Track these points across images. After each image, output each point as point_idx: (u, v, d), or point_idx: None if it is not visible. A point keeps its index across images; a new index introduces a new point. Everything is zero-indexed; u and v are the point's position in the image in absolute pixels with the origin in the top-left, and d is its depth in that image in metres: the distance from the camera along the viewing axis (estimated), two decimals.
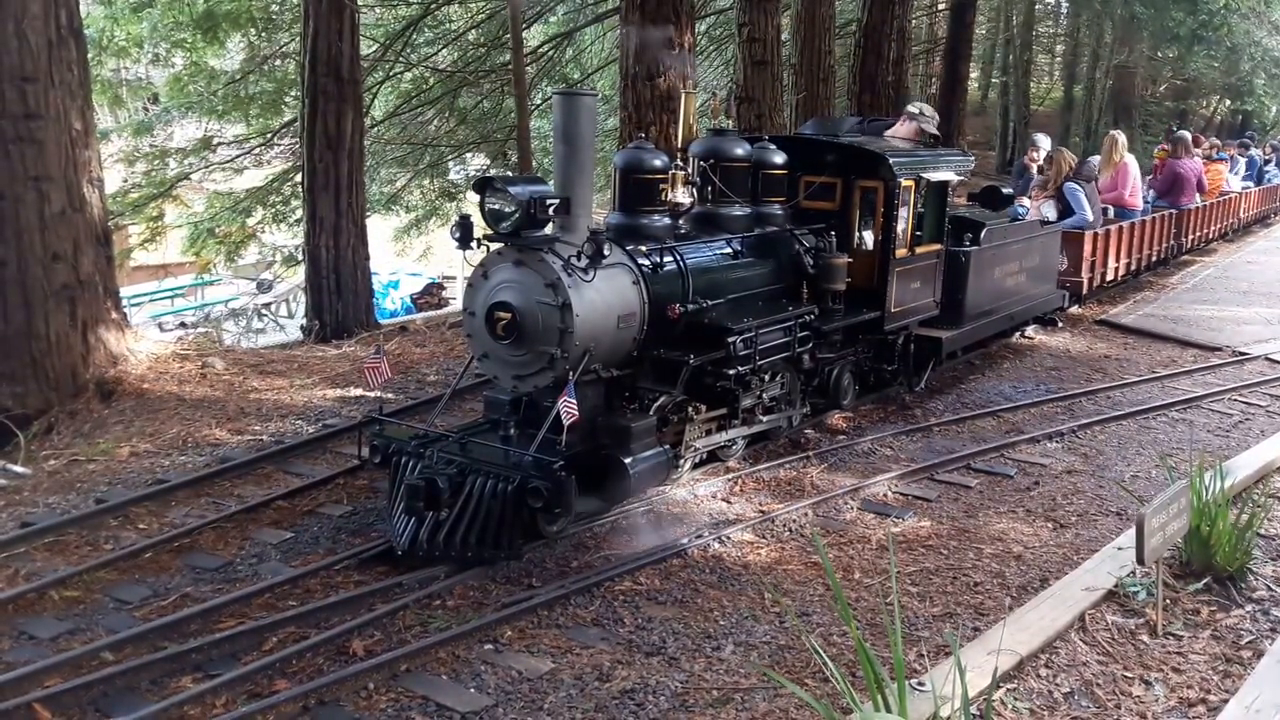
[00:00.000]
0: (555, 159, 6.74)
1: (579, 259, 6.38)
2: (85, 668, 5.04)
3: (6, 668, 5.07)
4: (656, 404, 6.68)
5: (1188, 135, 18.92)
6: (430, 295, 25.87)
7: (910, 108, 10.24)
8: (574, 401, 5.88)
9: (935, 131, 10.03)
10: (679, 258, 7.23)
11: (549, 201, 6.29)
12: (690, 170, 7.79)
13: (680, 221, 7.69)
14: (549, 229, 6.56)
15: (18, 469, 7.80)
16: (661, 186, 7.34)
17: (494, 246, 6.60)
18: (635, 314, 6.82)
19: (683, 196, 7.53)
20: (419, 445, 6.38)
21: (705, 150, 7.95)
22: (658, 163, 7.32)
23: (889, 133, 10.02)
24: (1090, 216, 13.27)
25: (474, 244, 6.63)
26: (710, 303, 7.19)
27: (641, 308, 6.85)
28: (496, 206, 6.29)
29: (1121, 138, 15.69)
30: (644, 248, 7.01)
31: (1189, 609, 5.50)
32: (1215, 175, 19.64)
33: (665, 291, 6.98)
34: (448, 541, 5.98)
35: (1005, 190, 11.63)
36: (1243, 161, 22.89)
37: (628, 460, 6.23)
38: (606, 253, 6.40)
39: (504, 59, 18.03)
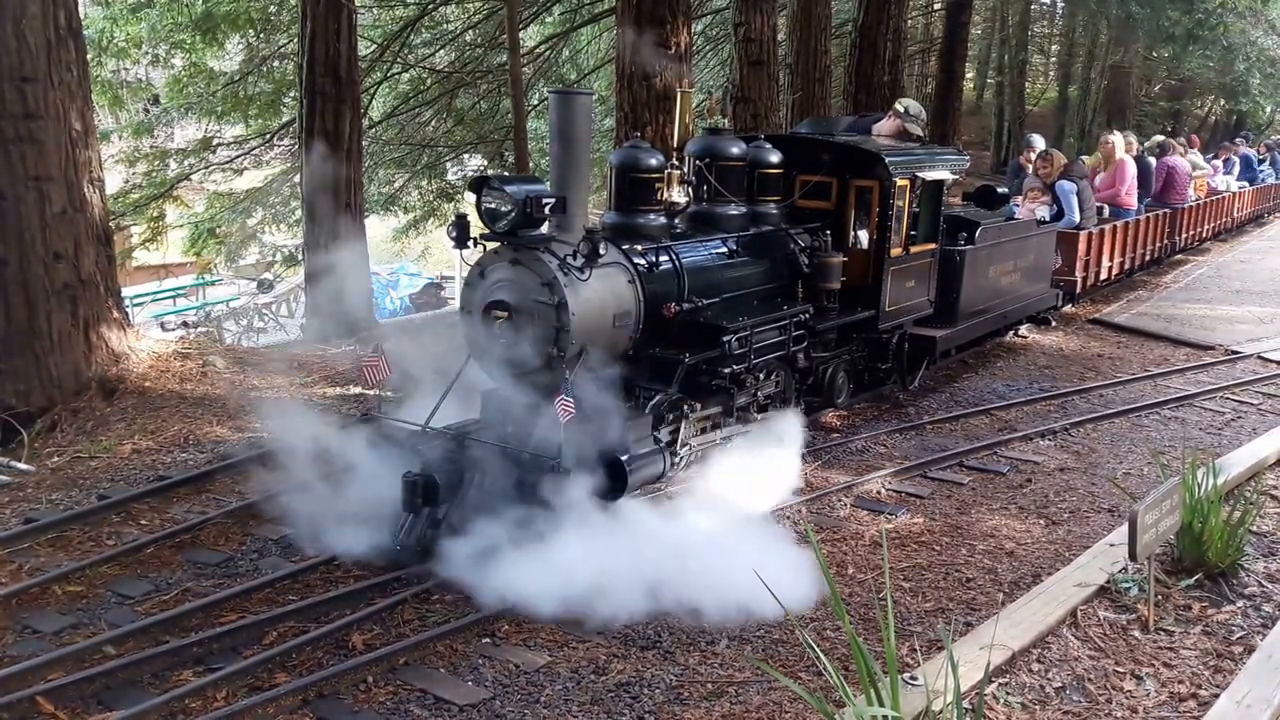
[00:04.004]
0: (551, 158, 6.78)
1: (575, 258, 6.42)
2: (88, 661, 5.11)
3: (10, 661, 5.12)
4: (652, 402, 6.71)
5: (1162, 139, 19.13)
6: (429, 295, 25.88)
7: (898, 105, 10.23)
8: (570, 400, 5.92)
9: (920, 132, 10.04)
10: (674, 257, 7.27)
11: (545, 200, 6.32)
12: (686, 169, 7.83)
13: (676, 221, 7.73)
14: (545, 228, 6.60)
15: (21, 466, 7.84)
16: (657, 186, 7.38)
17: (490, 246, 6.64)
18: (631, 313, 6.87)
19: (678, 196, 7.56)
20: (417, 443, 6.42)
21: (701, 149, 8.00)
22: (653, 162, 7.36)
23: (875, 128, 10.07)
24: (1078, 219, 13.32)
25: (470, 243, 6.67)
26: (706, 302, 7.23)
27: (637, 306, 6.90)
28: (493, 205, 6.34)
29: (1119, 137, 15.73)
30: (640, 247, 7.05)
31: (1180, 605, 5.55)
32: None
33: (661, 290, 7.03)
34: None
35: (1000, 190, 11.68)
36: (1237, 161, 22.96)
37: (624, 458, 6.27)
38: (602, 252, 6.44)
39: (501, 59, 18.05)
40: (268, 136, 18.11)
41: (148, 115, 18.11)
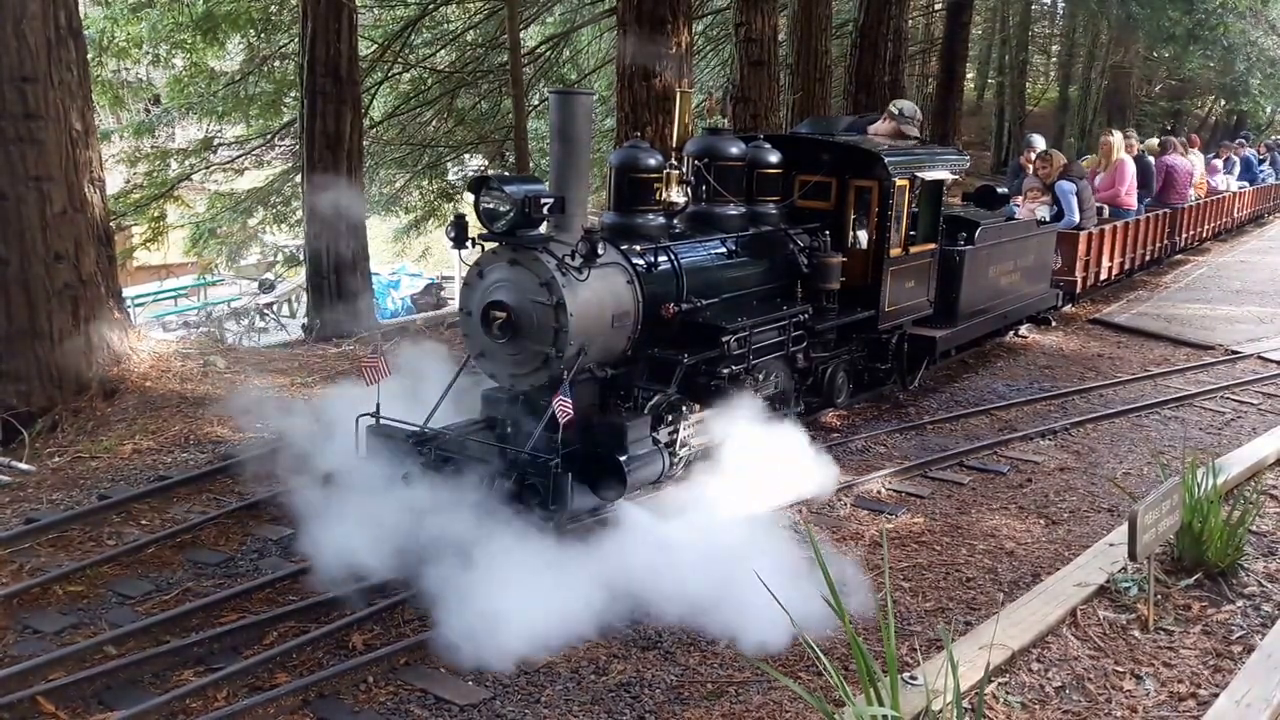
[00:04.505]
0: (551, 158, 6.74)
1: (573, 258, 6.38)
2: (89, 661, 5.11)
3: (11, 661, 5.13)
4: (651, 402, 6.70)
5: (1163, 139, 19.17)
6: (430, 295, 25.88)
7: (893, 106, 10.17)
8: (569, 400, 5.90)
9: (915, 133, 10.00)
10: (673, 257, 7.25)
11: (544, 200, 6.29)
12: (685, 170, 7.82)
13: (675, 221, 7.72)
14: (544, 228, 6.58)
15: (22, 466, 7.86)
16: (656, 186, 7.36)
17: (489, 246, 6.63)
18: (629, 313, 6.84)
19: (677, 196, 7.54)
20: (416, 443, 6.42)
21: (700, 149, 7.98)
22: (652, 162, 7.33)
23: (871, 130, 10.06)
24: (1078, 219, 13.32)
25: (469, 243, 6.65)
26: (705, 302, 7.21)
27: (636, 307, 6.87)
28: (491, 205, 6.30)
29: (1119, 137, 15.72)
30: (638, 247, 7.02)
31: (1180, 604, 5.56)
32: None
33: (660, 291, 7.00)
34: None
35: (1000, 190, 11.67)
36: (1237, 161, 22.98)
37: (623, 458, 6.26)
38: (601, 252, 6.40)
39: (502, 59, 18.07)
40: (269, 136, 18.12)
41: (148, 115, 18.13)
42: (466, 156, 21.45)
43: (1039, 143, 15.25)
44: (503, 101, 19.11)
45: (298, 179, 15.92)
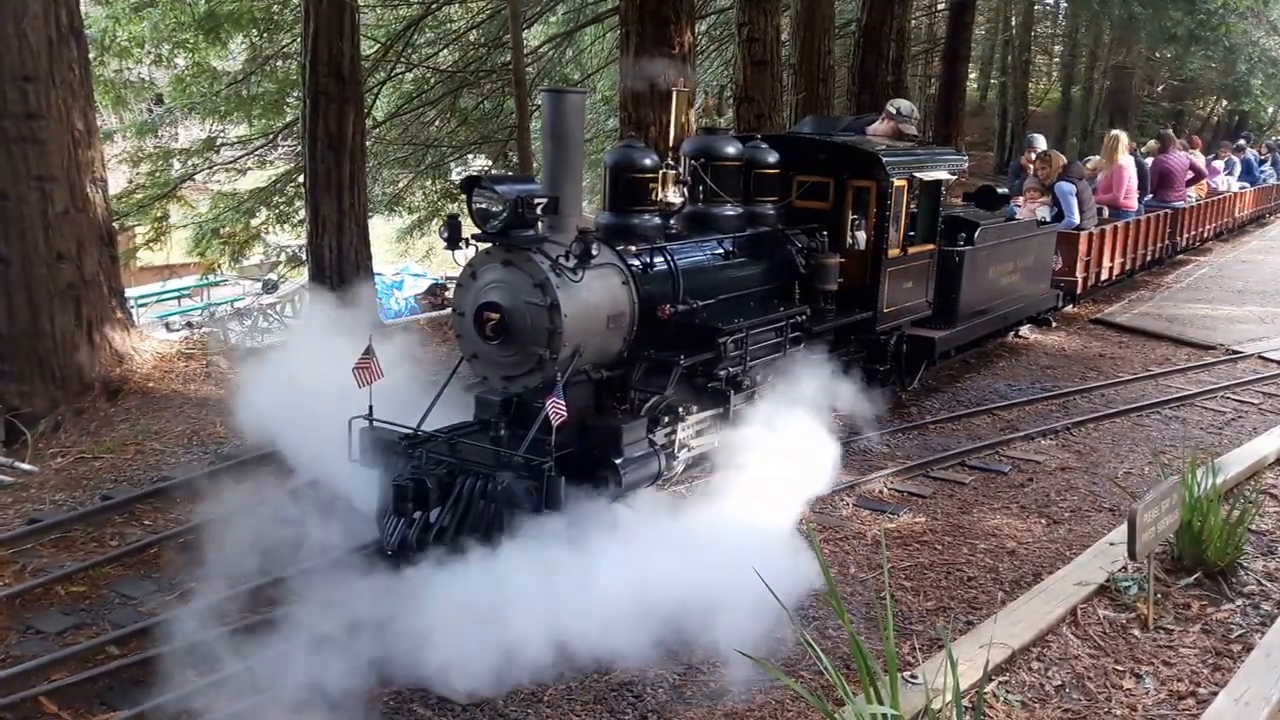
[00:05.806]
0: (544, 158, 6.68)
1: (567, 259, 6.29)
2: (91, 662, 5.14)
3: (14, 661, 5.16)
4: (648, 404, 6.66)
5: (1163, 134, 19.19)
6: (433, 296, 25.86)
7: (890, 106, 10.12)
8: (563, 402, 5.84)
9: (914, 132, 9.95)
10: (669, 258, 7.18)
11: (537, 200, 6.23)
12: (681, 169, 7.80)
13: (671, 221, 7.65)
14: (538, 228, 6.55)
15: (25, 466, 7.88)
16: (652, 186, 7.30)
17: (482, 246, 6.60)
18: (625, 314, 6.77)
19: (674, 196, 7.47)
20: (408, 446, 6.35)
21: (696, 149, 7.92)
22: (648, 162, 7.25)
23: (870, 130, 10.05)
24: (1078, 219, 13.32)
25: (462, 244, 6.61)
26: (701, 303, 7.13)
27: (631, 308, 6.81)
28: (484, 206, 6.22)
29: (1123, 137, 15.70)
30: (634, 247, 6.94)
31: (1180, 603, 5.58)
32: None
33: (656, 292, 6.93)
34: (438, 541, 5.90)
35: (1000, 190, 11.65)
36: (1237, 162, 22.99)
37: (618, 461, 6.23)
38: (595, 252, 6.28)
39: (505, 59, 18.08)
40: (271, 136, 18.12)
41: (151, 115, 18.14)
42: (470, 157, 21.44)
43: (1040, 143, 15.24)
44: (505, 101, 19.10)
45: (300, 179, 15.93)
